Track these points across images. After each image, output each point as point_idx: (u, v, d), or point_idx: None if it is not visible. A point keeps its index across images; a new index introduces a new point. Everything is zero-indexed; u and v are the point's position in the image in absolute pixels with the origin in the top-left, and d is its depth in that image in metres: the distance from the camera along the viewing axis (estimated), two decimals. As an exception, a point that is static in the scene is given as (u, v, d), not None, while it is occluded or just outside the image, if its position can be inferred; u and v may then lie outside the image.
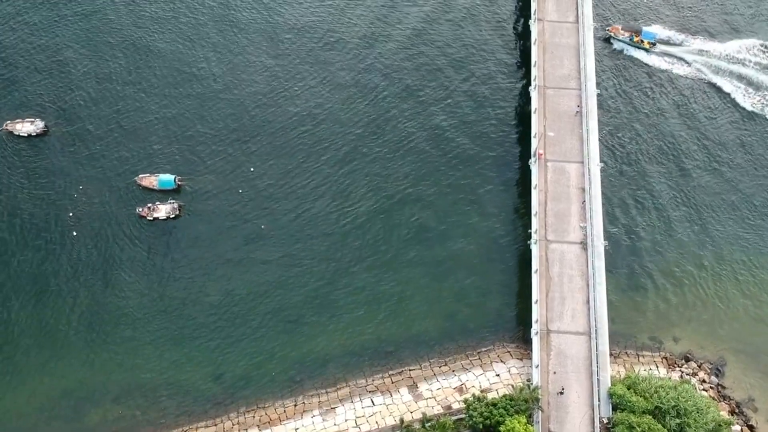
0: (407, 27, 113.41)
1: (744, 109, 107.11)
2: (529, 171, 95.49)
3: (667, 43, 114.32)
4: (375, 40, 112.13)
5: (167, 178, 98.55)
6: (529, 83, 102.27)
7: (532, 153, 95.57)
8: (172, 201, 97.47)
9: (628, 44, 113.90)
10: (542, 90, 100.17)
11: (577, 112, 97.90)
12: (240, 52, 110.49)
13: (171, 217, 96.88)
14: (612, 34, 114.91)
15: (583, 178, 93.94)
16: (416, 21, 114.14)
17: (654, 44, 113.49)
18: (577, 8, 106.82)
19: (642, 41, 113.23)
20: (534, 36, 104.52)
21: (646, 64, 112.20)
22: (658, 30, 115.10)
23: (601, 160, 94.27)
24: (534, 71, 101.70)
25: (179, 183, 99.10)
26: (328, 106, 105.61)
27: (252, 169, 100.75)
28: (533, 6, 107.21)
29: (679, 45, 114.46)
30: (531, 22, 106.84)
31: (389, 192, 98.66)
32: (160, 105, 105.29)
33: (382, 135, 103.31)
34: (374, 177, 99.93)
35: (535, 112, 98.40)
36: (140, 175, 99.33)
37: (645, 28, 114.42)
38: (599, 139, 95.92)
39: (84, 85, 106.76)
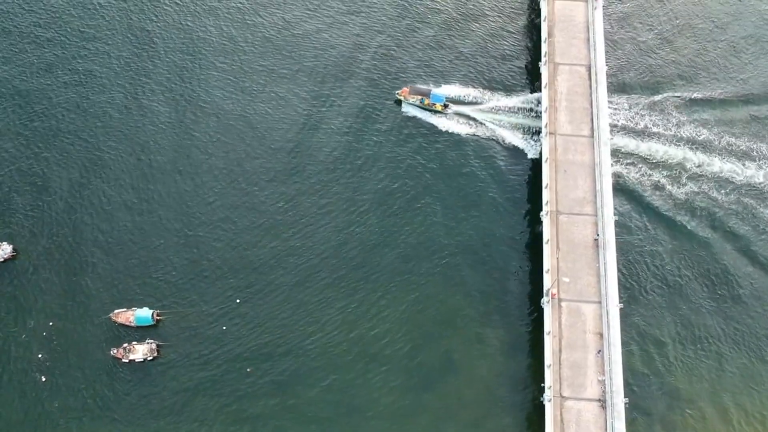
0: (409, 146, 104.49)
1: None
2: (540, 311, 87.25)
3: (460, 102, 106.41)
4: (375, 166, 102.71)
5: (145, 315, 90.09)
6: (539, 207, 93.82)
7: (545, 292, 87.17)
8: (150, 341, 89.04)
9: (420, 108, 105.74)
10: (554, 216, 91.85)
11: (595, 240, 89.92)
12: (235, 181, 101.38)
13: (148, 358, 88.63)
14: (402, 98, 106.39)
15: (601, 321, 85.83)
16: (418, 138, 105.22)
17: (446, 106, 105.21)
18: (591, 120, 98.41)
19: (433, 104, 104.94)
20: (545, 153, 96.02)
21: (437, 129, 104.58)
22: (451, 90, 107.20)
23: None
24: (545, 194, 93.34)
25: (158, 318, 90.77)
26: (322, 233, 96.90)
27: (238, 301, 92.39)
28: (544, 118, 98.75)
29: (473, 103, 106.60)
30: (542, 136, 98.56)
31: (385, 330, 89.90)
32: (140, 232, 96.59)
33: (381, 263, 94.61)
34: (370, 309, 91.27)
35: (547, 242, 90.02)
36: (116, 311, 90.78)
37: (434, 91, 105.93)
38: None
39: (58, 206, 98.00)
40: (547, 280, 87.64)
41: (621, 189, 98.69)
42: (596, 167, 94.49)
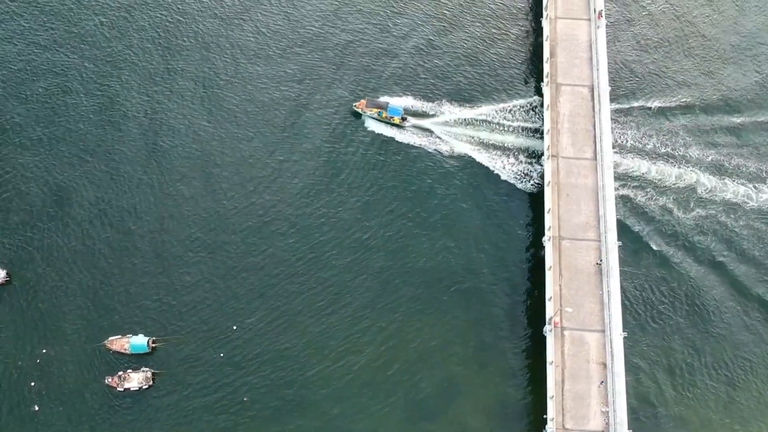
0: (409, 168, 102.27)
1: (504, 180, 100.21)
2: (542, 338, 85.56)
3: (419, 115, 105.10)
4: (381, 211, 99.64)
5: (140, 342, 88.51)
6: (542, 233, 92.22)
7: (547, 321, 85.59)
8: (145, 369, 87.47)
9: (378, 121, 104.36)
10: (557, 242, 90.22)
11: (598, 264, 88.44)
12: (226, 198, 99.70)
13: (144, 387, 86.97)
14: (360, 110, 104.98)
15: (604, 350, 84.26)
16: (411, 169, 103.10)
17: (404, 119, 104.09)
18: (595, 142, 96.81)
19: (391, 117, 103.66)
20: (548, 177, 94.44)
21: (396, 143, 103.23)
22: (408, 102, 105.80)
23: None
24: (548, 219, 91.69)
25: (153, 345, 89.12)
26: (326, 261, 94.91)
27: (235, 328, 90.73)
28: (546, 141, 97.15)
29: (432, 116, 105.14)
30: (544, 159, 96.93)
31: (387, 359, 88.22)
32: (136, 258, 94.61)
33: (384, 292, 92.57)
34: (373, 339, 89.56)
35: (549, 269, 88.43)
36: (110, 338, 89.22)
37: (391, 104, 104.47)
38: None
39: (53, 230, 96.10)
40: (550, 308, 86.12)
41: (626, 213, 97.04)
42: (599, 191, 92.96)
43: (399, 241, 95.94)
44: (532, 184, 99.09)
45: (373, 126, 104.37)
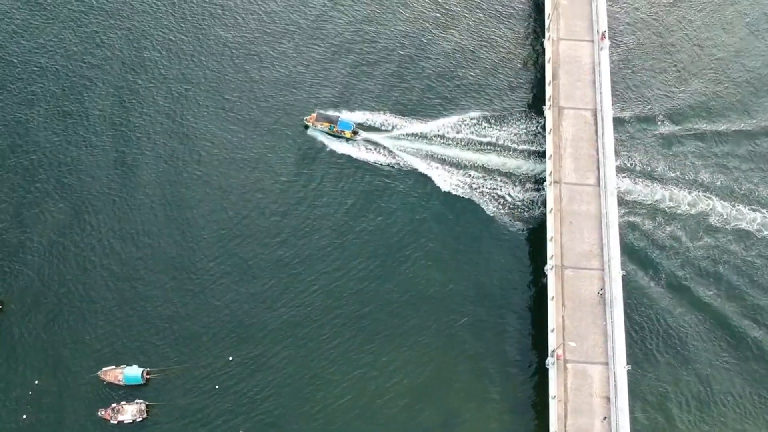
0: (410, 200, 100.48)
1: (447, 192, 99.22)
2: (545, 370, 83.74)
3: (372, 129, 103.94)
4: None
5: (134, 374, 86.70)
6: (544, 261, 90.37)
7: (550, 353, 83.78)
8: (139, 401, 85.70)
9: (329, 135, 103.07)
10: (560, 271, 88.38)
11: (600, 293, 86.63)
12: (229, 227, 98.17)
13: (138, 420, 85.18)
14: (310, 124, 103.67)
15: (608, 384, 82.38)
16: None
17: (356, 133, 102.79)
18: (598, 168, 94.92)
19: (341, 131, 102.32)
20: (549, 203, 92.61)
21: (347, 158, 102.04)
22: (362, 116, 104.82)
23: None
24: (550, 248, 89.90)
25: (147, 377, 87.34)
26: (325, 291, 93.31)
27: (231, 359, 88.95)
28: (548, 167, 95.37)
29: (385, 130, 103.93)
30: (546, 185, 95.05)
31: (388, 392, 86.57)
32: (131, 286, 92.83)
33: (383, 323, 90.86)
34: (373, 371, 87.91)
35: (552, 299, 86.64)
36: (104, 369, 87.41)
37: (342, 117, 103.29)
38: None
39: (47, 256, 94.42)
40: (553, 340, 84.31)
41: (631, 241, 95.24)
42: (603, 218, 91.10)
43: (400, 271, 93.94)
44: (540, 212, 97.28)
45: (326, 141, 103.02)
